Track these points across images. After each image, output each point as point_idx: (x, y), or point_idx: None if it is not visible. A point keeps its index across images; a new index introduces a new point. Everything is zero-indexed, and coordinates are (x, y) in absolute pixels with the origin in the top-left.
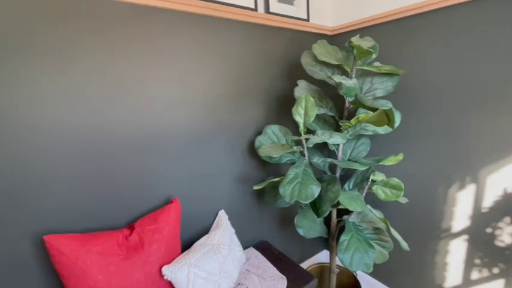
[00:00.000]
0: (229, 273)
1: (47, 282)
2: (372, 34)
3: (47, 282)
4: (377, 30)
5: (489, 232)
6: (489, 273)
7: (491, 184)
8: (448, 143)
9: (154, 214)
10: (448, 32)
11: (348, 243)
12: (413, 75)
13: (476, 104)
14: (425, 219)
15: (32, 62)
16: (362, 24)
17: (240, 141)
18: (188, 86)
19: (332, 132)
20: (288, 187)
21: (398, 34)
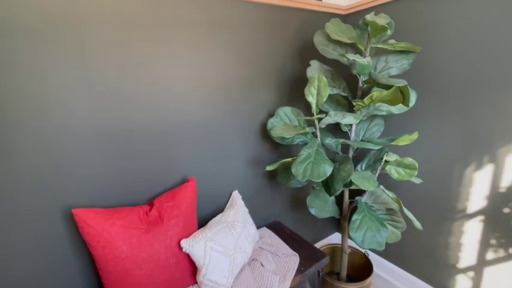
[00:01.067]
0: (243, 249)
1: (77, 252)
2: (387, 11)
3: (77, 251)
4: (393, 7)
5: (507, 212)
6: (505, 254)
7: (510, 161)
8: (465, 121)
9: (172, 192)
10: (467, 5)
11: (360, 222)
12: (430, 52)
13: (496, 80)
14: (439, 200)
15: (53, 45)
16: (377, 2)
17: (252, 123)
18: (203, 68)
19: (345, 112)
20: (301, 167)
21: (413, 10)
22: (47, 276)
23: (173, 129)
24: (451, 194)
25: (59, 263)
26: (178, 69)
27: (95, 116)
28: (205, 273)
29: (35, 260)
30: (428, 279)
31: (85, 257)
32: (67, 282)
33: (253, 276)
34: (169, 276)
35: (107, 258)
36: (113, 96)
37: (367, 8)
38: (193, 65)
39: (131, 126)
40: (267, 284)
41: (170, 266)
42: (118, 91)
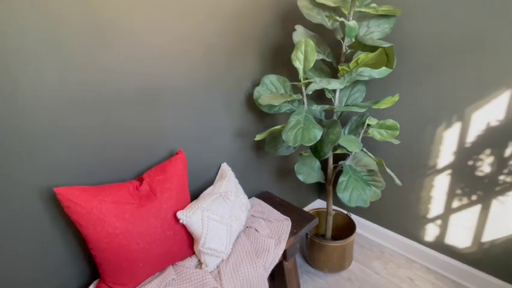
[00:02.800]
0: (238, 217)
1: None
2: None
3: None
4: None
5: (471, 164)
6: (468, 201)
7: (475, 121)
8: (436, 85)
9: (161, 166)
10: None
11: (346, 183)
12: (408, 17)
13: (463, 46)
14: (413, 159)
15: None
16: None
17: (237, 93)
18: (183, 34)
19: (330, 79)
20: (291, 133)
21: None
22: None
23: (156, 99)
24: (424, 152)
25: (43, 250)
26: (155, 35)
27: (67, 84)
28: (204, 242)
29: (15, 250)
30: (403, 231)
31: (72, 240)
32: (54, 270)
33: (250, 241)
34: (167, 248)
35: (101, 236)
36: (84, 61)
37: None
38: (173, 30)
39: (110, 96)
40: (263, 247)
41: (167, 238)
42: (90, 55)
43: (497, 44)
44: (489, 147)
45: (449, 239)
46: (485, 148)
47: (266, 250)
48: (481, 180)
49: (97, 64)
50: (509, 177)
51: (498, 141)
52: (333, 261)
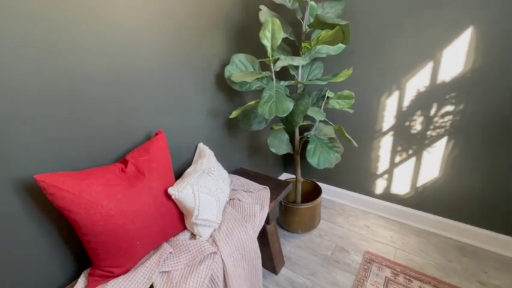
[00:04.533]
0: (223, 190)
1: (43, 228)
2: None
3: (43, 227)
4: None
5: (407, 125)
6: (406, 155)
7: (409, 88)
8: (379, 59)
9: (143, 147)
10: None
11: (314, 149)
12: (354, 3)
13: (398, 26)
14: (365, 125)
15: None
16: None
17: (207, 74)
18: (150, 15)
19: (293, 56)
20: (266, 106)
21: None
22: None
23: (129, 81)
24: (372, 119)
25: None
26: (124, 16)
27: (33, 66)
28: (198, 214)
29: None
30: (358, 189)
31: (52, 232)
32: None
33: (236, 210)
34: (161, 225)
35: (95, 219)
36: (53, 42)
37: None
38: (142, 11)
39: (81, 78)
40: (250, 213)
41: (161, 215)
42: (57, 35)
43: (422, 23)
44: (419, 109)
45: (394, 189)
46: (416, 110)
47: (253, 215)
48: (415, 136)
49: (65, 45)
50: (434, 132)
51: (425, 103)
52: (305, 222)
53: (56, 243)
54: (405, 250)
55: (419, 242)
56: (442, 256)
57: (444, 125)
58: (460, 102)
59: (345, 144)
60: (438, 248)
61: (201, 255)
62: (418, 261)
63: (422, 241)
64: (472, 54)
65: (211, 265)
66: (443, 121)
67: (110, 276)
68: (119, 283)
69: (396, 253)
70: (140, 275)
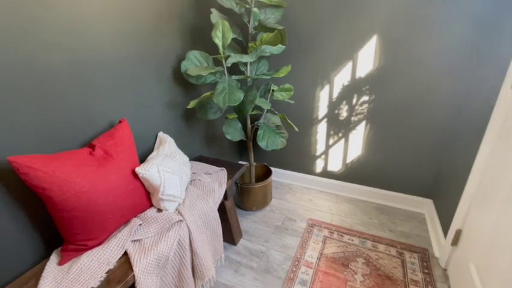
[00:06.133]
0: (185, 172)
1: (15, 210)
2: None
3: (15, 209)
4: None
5: (336, 113)
6: (337, 138)
7: (336, 82)
8: (314, 58)
9: (108, 133)
10: None
11: (263, 134)
12: (292, 8)
13: (327, 30)
14: (304, 114)
15: None
16: None
17: (164, 68)
18: (110, 11)
19: (242, 54)
20: (220, 96)
21: None
22: None
23: (90, 74)
24: (310, 108)
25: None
26: (86, 12)
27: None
28: (163, 190)
29: None
30: (302, 170)
31: (22, 215)
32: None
33: (198, 188)
34: (131, 200)
35: (68, 196)
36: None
37: None
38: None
39: (43, 69)
40: (210, 189)
41: (130, 192)
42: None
43: (344, 30)
44: (345, 99)
45: (329, 167)
46: (342, 100)
47: (212, 191)
48: (342, 122)
49: (26, 36)
50: (356, 117)
51: (349, 95)
52: (259, 200)
53: (25, 227)
54: (339, 215)
55: (349, 207)
56: (366, 216)
57: (363, 111)
58: (372, 93)
59: (290, 131)
60: (363, 211)
61: (169, 223)
62: (349, 221)
63: (352, 207)
64: (377, 55)
65: (178, 231)
66: (362, 108)
67: (84, 249)
68: (94, 253)
69: (332, 217)
70: (113, 245)
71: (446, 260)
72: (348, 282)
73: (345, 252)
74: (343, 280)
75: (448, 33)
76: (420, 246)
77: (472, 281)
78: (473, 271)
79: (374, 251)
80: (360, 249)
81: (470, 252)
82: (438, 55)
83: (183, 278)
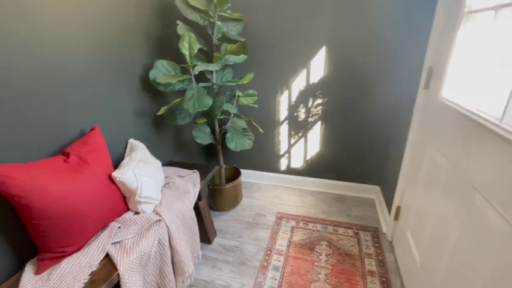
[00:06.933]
0: (159, 175)
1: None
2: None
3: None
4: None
5: (295, 115)
6: (298, 137)
7: (294, 88)
8: (273, 66)
9: (81, 141)
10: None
11: (231, 136)
12: (252, 21)
13: (284, 40)
14: (268, 117)
15: None
16: None
17: (132, 77)
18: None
19: (207, 63)
20: (190, 102)
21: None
22: None
23: (60, 83)
24: (272, 112)
25: None
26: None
27: None
28: (141, 192)
29: None
30: (268, 169)
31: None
32: None
33: (172, 190)
34: (109, 203)
35: (48, 202)
36: None
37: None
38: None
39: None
40: (184, 190)
41: (108, 196)
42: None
43: (298, 42)
44: (302, 103)
45: (292, 164)
46: (300, 103)
47: (187, 191)
48: (301, 123)
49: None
50: (312, 118)
51: (305, 98)
52: (231, 199)
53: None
54: (303, 206)
55: (312, 199)
56: (326, 205)
57: (318, 113)
58: (324, 96)
59: (255, 133)
60: (323, 201)
61: (148, 223)
62: (312, 211)
63: (314, 198)
64: (326, 64)
65: (157, 230)
66: (317, 110)
67: (63, 255)
68: (74, 258)
69: (297, 209)
70: (94, 249)
71: (391, 234)
72: (314, 263)
73: (311, 237)
74: (310, 262)
75: (381, 46)
76: (371, 225)
77: (408, 245)
78: (409, 237)
79: (334, 234)
80: (323, 234)
81: (407, 223)
82: (371, 62)
83: (164, 275)
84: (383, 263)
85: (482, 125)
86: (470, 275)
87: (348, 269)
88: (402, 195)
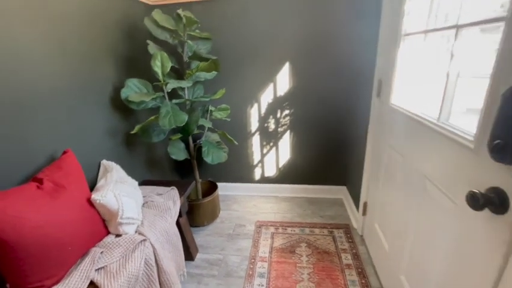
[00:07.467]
0: (137, 195)
1: None
2: (185, 8)
3: None
4: (189, 6)
5: (266, 126)
6: (269, 147)
7: (263, 101)
8: (242, 81)
9: (54, 165)
10: (230, 13)
11: (207, 150)
12: (219, 39)
13: (253, 56)
14: (240, 129)
15: None
16: (175, 0)
17: (102, 97)
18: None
19: (179, 80)
20: (165, 119)
21: (206, 11)
22: None
23: (27, 106)
24: (244, 124)
25: None
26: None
27: None
28: (122, 214)
29: None
30: (243, 180)
31: None
32: None
33: (153, 209)
34: (89, 228)
35: (24, 232)
36: None
37: (168, 4)
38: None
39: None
40: (165, 208)
41: (87, 220)
42: None
43: (264, 58)
44: (271, 114)
45: (266, 173)
46: (269, 115)
47: (168, 208)
48: (271, 133)
49: None
50: (282, 128)
51: (274, 110)
52: (209, 214)
53: None
54: (280, 212)
55: (287, 205)
56: (300, 209)
57: (286, 123)
58: (291, 107)
59: (229, 146)
60: (298, 205)
61: (133, 244)
62: (288, 216)
63: (289, 204)
64: (291, 77)
65: (143, 250)
66: (285, 120)
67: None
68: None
69: (275, 216)
70: (76, 278)
71: (361, 228)
72: (297, 264)
73: (291, 241)
74: (293, 264)
75: (339, 60)
76: (343, 223)
77: (378, 236)
78: (377, 228)
79: (312, 235)
80: (302, 236)
81: (374, 216)
82: (330, 75)
83: None
84: (357, 256)
85: (425, 125)
86: (429, 251)
87: (328, 266)
88: (367, 191)
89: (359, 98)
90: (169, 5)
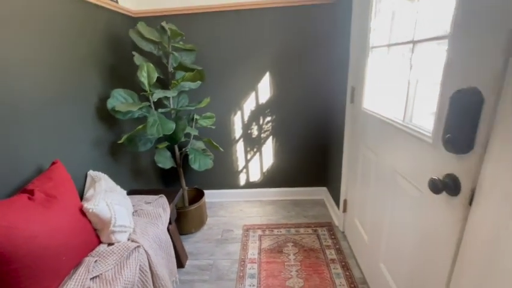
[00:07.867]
0: (128, 203)
1: None
2: (167, 20)
3: None
4: (170, 19)
5: (249, 132)
6: (253, 153)
7: (246, 108)
8: (226, 90)
9: (44, 175)
10: (213, 26)
11: (194, 157)
12: (204, 51)
13: (235, 66)
14: (225, 136)
15: None
16: (157, 13)
17: (87, 107)
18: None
19: (165, 90)
20: (153, 128)
21: (189, 23)
22: None
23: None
24: (228, 131)
25: None
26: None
27: None
28: (115, 222)
29: None
30: (228, 186)
31: None
32: None
33: (143, 217)
34: (82, 238)
35: (18, 243)
36: None
37: (150, 16)
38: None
39: None
40: (156, 215)
41: (81, 229)
42: None
43: (246, 68)
44: (254, 121)
45: (251, 178)
46: (252, 122)
47: (159, 216)
48: (255, 140)
49: None
50: (265, 134)
51: (256, 117)
52: (197, 221)
53: None
54: (266, 215)
55: (272, 208)
56: (285, 211)
57: (269, 129)
58: (273, 114)
59: (215, 153)
60: (283, 208)
61: (127, 251)
62: (274, 219)
63: (274, 207)
64: (272, 86)
65: (138, 257)
66: (267, 126)
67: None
68: None
69: (261, 219)
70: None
71: (342, 225)
72: (285, 263)
73: (278, 242)
74: (281, 263)
75: (315, 69)
76: (326, 221)
77: (358, 230)
78: (357, 223)
79: (297, 234)
80: (288, 236)
81: (354, 212)
82: (308, 82)
83: None
84: (340, 251)
85: (393, 125)
86: (402, 237)
87: (314, 262)
88: (346, 189)
89: (335, 104)
90: (151, 18)
